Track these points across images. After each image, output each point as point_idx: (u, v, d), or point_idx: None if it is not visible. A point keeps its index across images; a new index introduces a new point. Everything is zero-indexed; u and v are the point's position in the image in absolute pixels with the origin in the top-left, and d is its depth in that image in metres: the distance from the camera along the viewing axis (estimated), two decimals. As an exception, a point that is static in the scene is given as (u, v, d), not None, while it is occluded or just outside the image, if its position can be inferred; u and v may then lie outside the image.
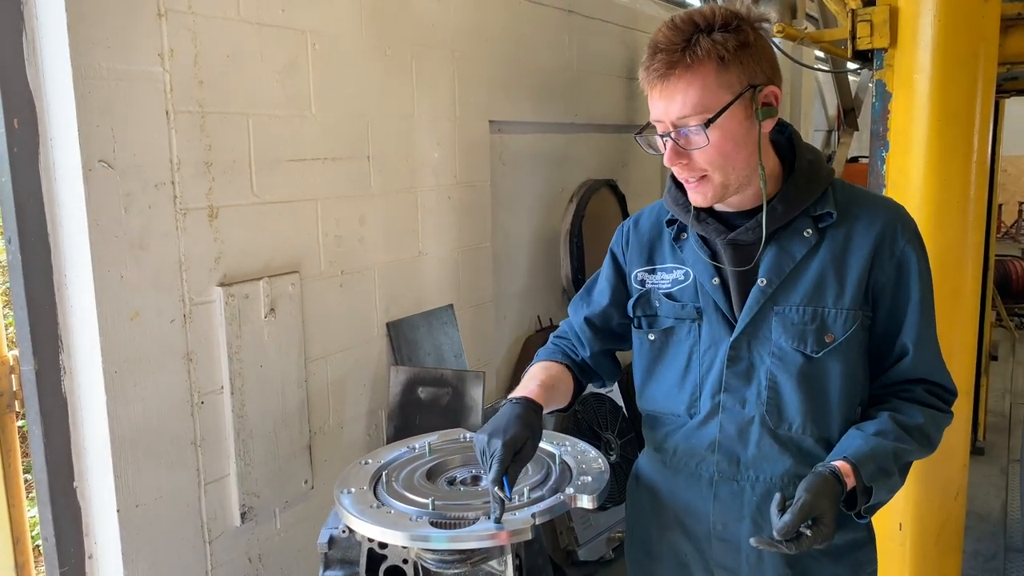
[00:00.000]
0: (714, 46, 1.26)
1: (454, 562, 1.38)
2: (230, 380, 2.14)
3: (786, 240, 1.38)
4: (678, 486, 1.51)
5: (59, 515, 1.91)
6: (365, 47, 2.54)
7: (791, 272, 1.38)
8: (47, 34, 1.78)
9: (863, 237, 1.36)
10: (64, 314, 1.87)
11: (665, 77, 1.27)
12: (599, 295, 1.61)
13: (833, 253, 1.37)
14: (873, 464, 1.29)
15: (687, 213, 1.44)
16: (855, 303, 1.36)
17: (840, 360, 1.37)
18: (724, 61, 1.26)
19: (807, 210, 1.39)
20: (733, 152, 1.31)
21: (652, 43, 1.30)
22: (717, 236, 1.41)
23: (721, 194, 1.35)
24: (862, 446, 1.32)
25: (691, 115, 1.28)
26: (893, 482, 1.34)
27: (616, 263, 1.59)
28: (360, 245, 2.58)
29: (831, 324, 1.36)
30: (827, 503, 1.23)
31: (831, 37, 2.82)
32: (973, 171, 2.31)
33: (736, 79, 1.28)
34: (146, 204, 1.94)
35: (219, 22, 2.08)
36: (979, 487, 4.21)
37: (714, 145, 1.29)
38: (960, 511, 2.56)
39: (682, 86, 1.27)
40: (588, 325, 1.61)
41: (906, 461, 1.37)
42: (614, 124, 4.09)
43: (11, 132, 1.76)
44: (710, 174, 1.32)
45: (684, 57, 1.25)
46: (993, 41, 2.30)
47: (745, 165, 1.34)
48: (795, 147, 1.42)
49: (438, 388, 2.62)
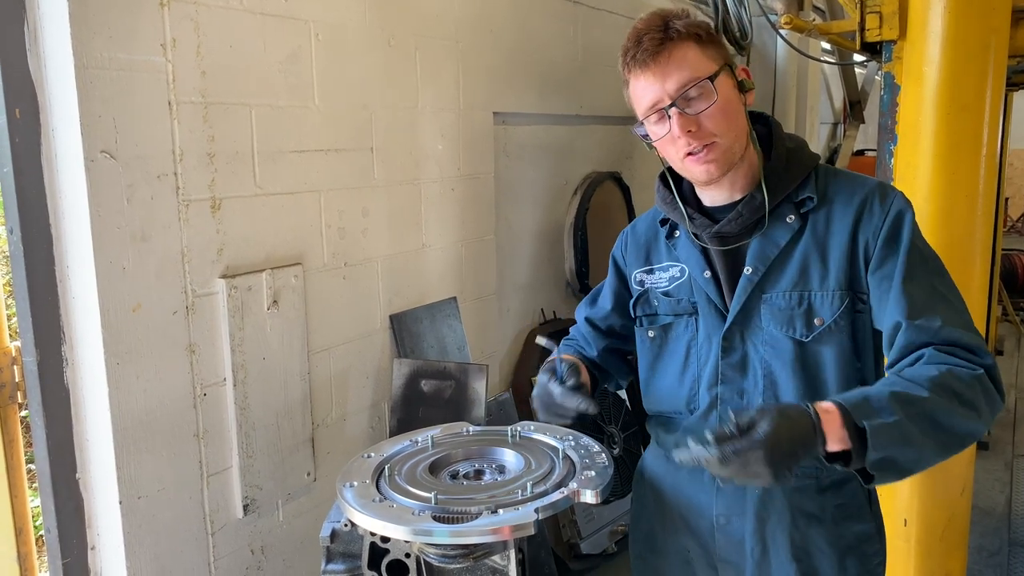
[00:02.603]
0: (689, 28, 1.34)
1: (457, 556, 1.37)
2: (233, 372, 2.14)
3: (769, 227, 1.40)
4: (681, 481, 1.52)
5: (61, 506, 1.90)
6: (368, 37, 2.53)
7: (776, 259, 1.39)
8: (49, 24, 1.76)
9: (842, 215, 1.37)
10: (66, 305, 1.87)
11: (657, 53, 1.32)
12: (603, 299, 1.67)
13: (815, 236, 1.38)
14: (866, 404, 1.15)
15: (676, 211, 1.48)
16: (840, 284, 1.35)
17: (833, 344, 1.36)
18: (701, 39, 1.35)
19: (789, 196, 1.40)
20: (733, 115, 1.35)
21: (632, 33, 1.36)
22: (704, 231, 1.44)
23: (728, 161, 1.36)
24: (853, 392, 1.22)
25: (690, 81, 1.31)
26: (902, 429, 1.14)
27: (617, 268, 1.64)
28: (363, 237, 2.57)
29: (818, 307, 1.36)
30: (772, 418, 1.10)
31: (839, 29, 2.79)
32: (982, 165, 2.29)
33: (715, 54, 1.36)
34: (148, 195, 1.93)
35: (222, 12, 2.07)
36: (984, 482, 4.20)
37: (720, 105, 1.32)
38: (966, 507, 2.56)
39: (676, 58, 1.32)
40: (591, 325, 1.67)
41: (926, 413, 1.16)
42: (619, 116, 4.07)
43: (13, 122, 1.75)
44: (718, 139, 1.34)
45: (669, 35, 1.33)
46: (1004, 33, 2.27)
47: (742, 132, 1.38)
48: (774, 136, 1.43)
49: (441, 381, 2.61)
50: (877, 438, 1.12)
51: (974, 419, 1.20)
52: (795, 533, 1.42)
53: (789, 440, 1.10)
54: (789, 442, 1.10)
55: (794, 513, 1.42)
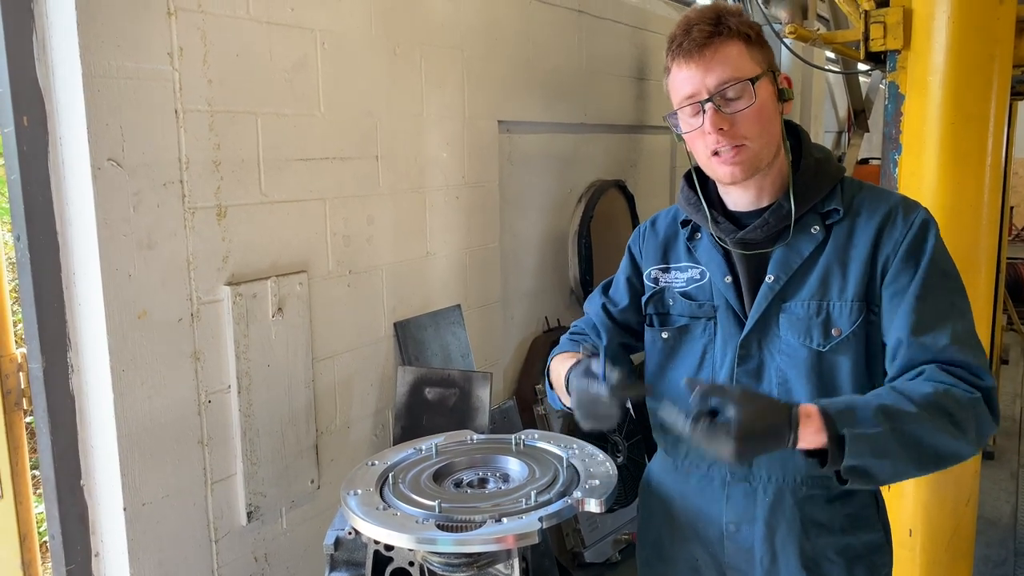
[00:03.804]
0: (740, 26, 1.33)
1: (460, 565, 1.38)
2: (237, 379, 2.14)
3: (794, 237, 1.39)
4: (690, 489, 1.51)
5: (66, 513, 1.91)
6: (374, 46, 2.54)
7: (799, 268, 1.39)
8: (57, 33, 1.78)
9: (865, 227, 1.36)
10: (72, 312, 1.88)
11: (704, 46, 1.31)
12: (618, 293, 1.63)
13: (838, 247, 1.38)
14: (850, 413, 1.17)
15: (699, 213, 1.45)
16: (859, 295, 1.35)
17: (849, 354, 1.36)
18: (750, 40, 1.33)
19: (815, 207, 1.40)
20: (768, 121, 1.34)
21: (684, 21, 1.34)
22: (728, 235, 1.42)
23: (755, 166, 1.35)
24: (841, 399, 1.25)
25: (731, 80, 1.30)
26: (881, 442, 1.16)
27: (633, 260, 1.62)
28: (368, 245, 2.58)
29: (836, 317, 1.36)
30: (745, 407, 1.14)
31: (844, 38, 2.80)
32: (987, 174, 2.29)
33: (761, 58, 1.35)
34: (155, 203, 1.94)
35: (229, 21, 2.08)
36: (989, 492, 4.18)
37: (756, 108, 1.31)
38: (971, 517, 2.54)
39: (721, 54, 1.31)
40: (607, 314, 1.62)
41: (908, 430, 1.18)
42: (624, 124, 4.08)
43: (21, 130, 1.76)
44: (748, 142, 1.33)
45: (719, 29, 1.31)
46: (1008, 43, 2.27)
47: (774, 140, 1.37)
48: (803, 146, 1.43)
49: (445, 388, 2.61)
50: (854, 446, 1.16)
51: (960, 441, 1.22)
52: (805, 542, 1.42)
53: (762, 434, 1.15)
54: (761, 434, 1.15)
55: (804, 522, 1.42)
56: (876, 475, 1.20)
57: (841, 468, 1.17)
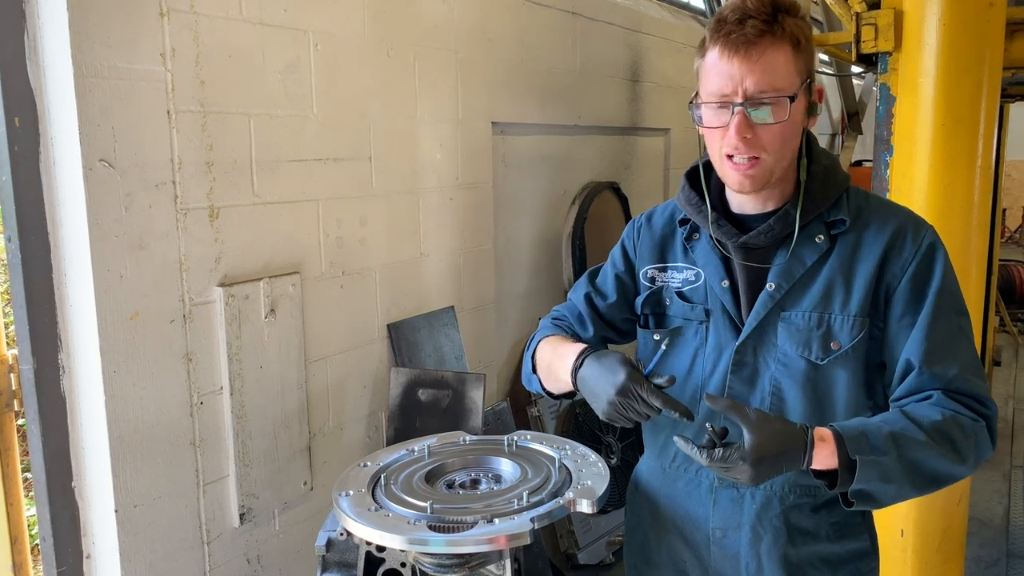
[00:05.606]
0: (795, 28, 1.26)
1: (452, 566, 1.38)
2: (230, 381, 2.14)
3: (798, 245, 1.36)
4: (677, 492, 1.50)
5: (57, 515, 1.90)
6: (367, 47, 2.54)
7: (801, 278, 1.36)
8: (48, 33, 1.77)
9: (872, 243, 1.34)
10: (64, 313, 1.87)
11: (753, 44, 1.24)
12: (606, 287, 1.57)
13: (842, 260, 1.35)
14: (863, 438, 1.21)
15: (700, 214, 1.42)
16: (862, 310, 1.33)
17: (847, 368, 1.35)
18: (799, 46, 1.27)
19: (821, 216, 1.37)
20: (791, 138, 1.31)
21: (738, 8, 1.26)
22: (729, 239, 1.40)
23: (766, 179, 1.32)
24: (853, 423, 1.26)
25: (769, 91, 1.25)
26: (888, 468, 1.21)
27: (627, 257, 1.57)
28: (361, 246, 2.58)
29: (837, 331, 1.34)
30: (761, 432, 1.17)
31: (835, 40, 2.81)
32: (978, 176, 2.30)
33: (804, 66, 1.30)
34: (147, 204, 1.93)
35: (221, 21, 2.08)
36: (981, 493, 4.20)
37: (785, 126, 1.27)
38: (962, 517, 2.55)
39: (768, 58, 1.24)
40: (591, 306, 1.57)
41: (914, 457, 1.22)
42: (617, 126, 4.09)
43: (12, 131, 1.75)
44: (766, 156, 1.29)
45: (773, 28, 1.24)
46: (998, 46, 2.29)
47: (792, 156, 1.34)
48: (812, 152, 1.40)
49: (438, 390, 2.61)
50: (864, 471, 1.20)
51: (959, 466, 1.27)
52: (790, 550, 1.41)
53: (776, 456, 1.18)
54: (775, 457, 1.18)
55: (790, 529, 1.41)
56: (880, 498, 1.24)
57: (849, 491, 1.21)
